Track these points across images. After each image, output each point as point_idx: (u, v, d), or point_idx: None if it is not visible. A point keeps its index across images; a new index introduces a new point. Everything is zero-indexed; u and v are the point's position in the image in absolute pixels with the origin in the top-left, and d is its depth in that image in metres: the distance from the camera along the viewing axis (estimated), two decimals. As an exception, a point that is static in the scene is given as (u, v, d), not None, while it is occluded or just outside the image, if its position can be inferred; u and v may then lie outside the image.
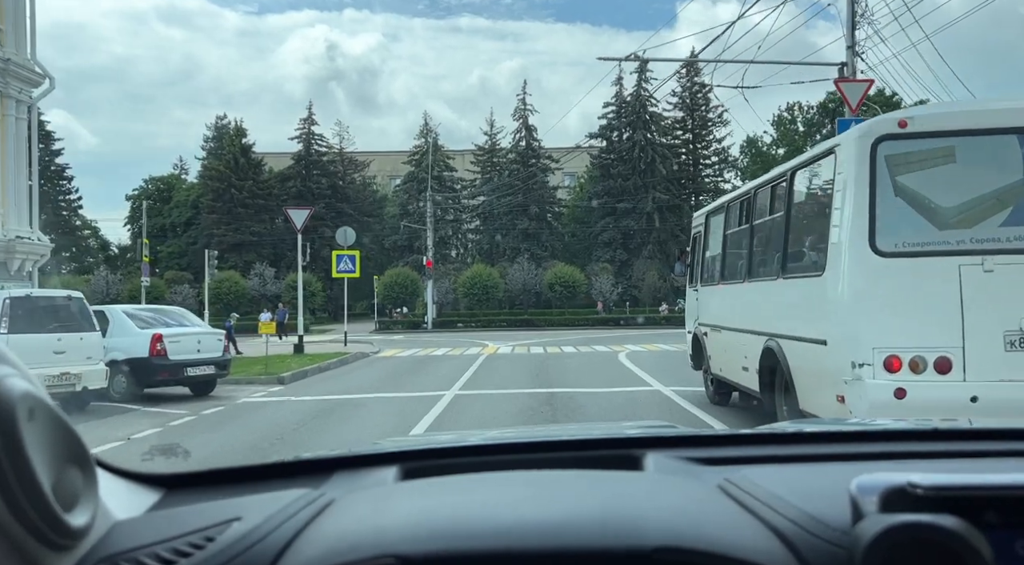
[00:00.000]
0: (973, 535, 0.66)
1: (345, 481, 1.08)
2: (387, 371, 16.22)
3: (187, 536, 0.78)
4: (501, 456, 1.22)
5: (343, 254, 24.45)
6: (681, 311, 42.81)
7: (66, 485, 0.71)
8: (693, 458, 1.12)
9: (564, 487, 0.95)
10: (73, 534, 0.71)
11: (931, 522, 0.66)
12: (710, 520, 0.80)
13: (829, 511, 0.79)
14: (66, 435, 0.72)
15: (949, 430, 1.27)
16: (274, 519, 0.81)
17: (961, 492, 0.72)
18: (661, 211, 52.59)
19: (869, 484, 0.74)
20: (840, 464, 1.05)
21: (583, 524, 0.77)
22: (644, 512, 0.81)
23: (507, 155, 56.86)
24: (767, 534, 0.78)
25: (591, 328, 39.56)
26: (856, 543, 0.69)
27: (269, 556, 0.75)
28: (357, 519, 0.83)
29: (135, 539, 0.79)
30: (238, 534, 0.78)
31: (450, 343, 26.63)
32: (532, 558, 0.69)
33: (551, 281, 43.58)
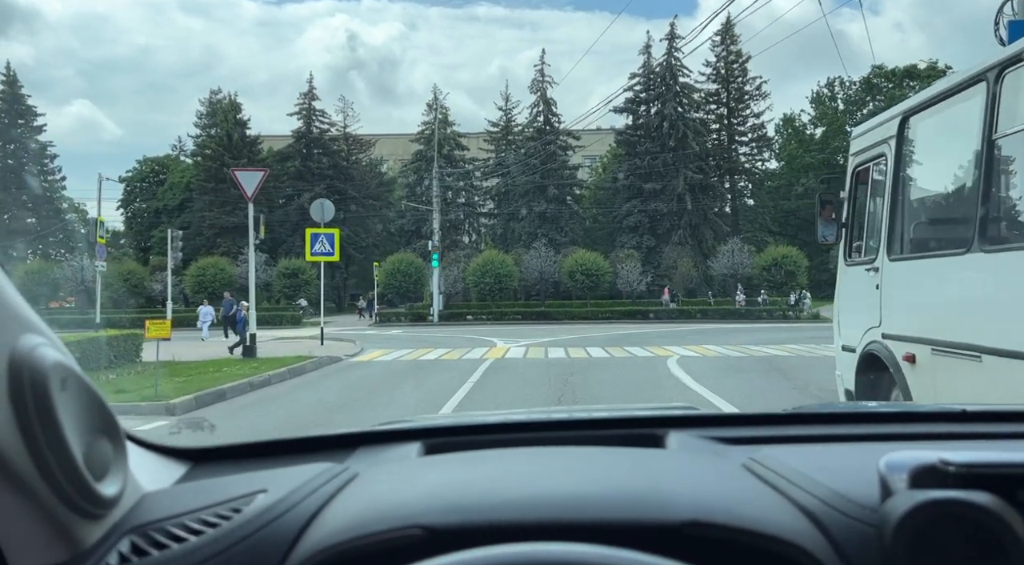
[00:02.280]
0: (1008, 512, 0.64)
1: (369, 456, 1.09)
2: (347, 389, 11.69)
3: (214, 507, 0.79)
4: (524, 434, 1.20)
5: (319, 233, 19.98)
6: (763, 305, 38.55)
7: (97, 455, 0.72)
8: (716, 437, 1.10)
9: (589, 462, 0.94)
10: (104, 503, 0.73)
11: (965, 498, 0.65)
12: (736, 496, 0.80)
13: (857, 489, 0.78)
14: (97, 406, 0.73)
15: (978, 412, 1.23)
16: (300, 491, 0.81)
17: (994, 470, 0.71)
18: (693, 191, 47.65)
19: (898, 462, 0.74)
20: (867, 444, 1.01)
21: (610, 497, 0.77)
22: (671, 486, 0.81)
23: (523, 132, 52.03)
24: (794, 511, 0.77)
25: (616, 322, 34.90)
26: (886, 520, 0.68)
27: (295, 527, 0.75)
28: (382, 491, 0.83)
29: (163, 510, 0.80)
30: (264, 505, 0.78)
31: (451, 342, 22.10)
32: (559, 531, 0.68)
33: (571, 269, 38.86)
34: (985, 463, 0.72)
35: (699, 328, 28.38)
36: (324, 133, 54.45)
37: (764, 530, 0.72)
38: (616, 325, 32.48)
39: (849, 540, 0.72)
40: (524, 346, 19.37)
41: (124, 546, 0.74)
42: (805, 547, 0.70)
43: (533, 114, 50.70)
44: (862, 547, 0.71)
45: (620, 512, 0.74)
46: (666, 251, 45.39)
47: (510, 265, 38.96)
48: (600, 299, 42.04)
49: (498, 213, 52.66)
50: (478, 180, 53.86)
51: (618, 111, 50.08)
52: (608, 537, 0.64)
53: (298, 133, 53.95)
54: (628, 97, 49.57)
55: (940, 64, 61.65)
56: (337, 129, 55.40)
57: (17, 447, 0.65)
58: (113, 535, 0.76)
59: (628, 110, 49.98)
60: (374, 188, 55.92)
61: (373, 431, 1.20)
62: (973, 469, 0.71)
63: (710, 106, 51.75)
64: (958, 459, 0.71)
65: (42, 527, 0.69)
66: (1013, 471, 0.72)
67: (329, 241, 19.81)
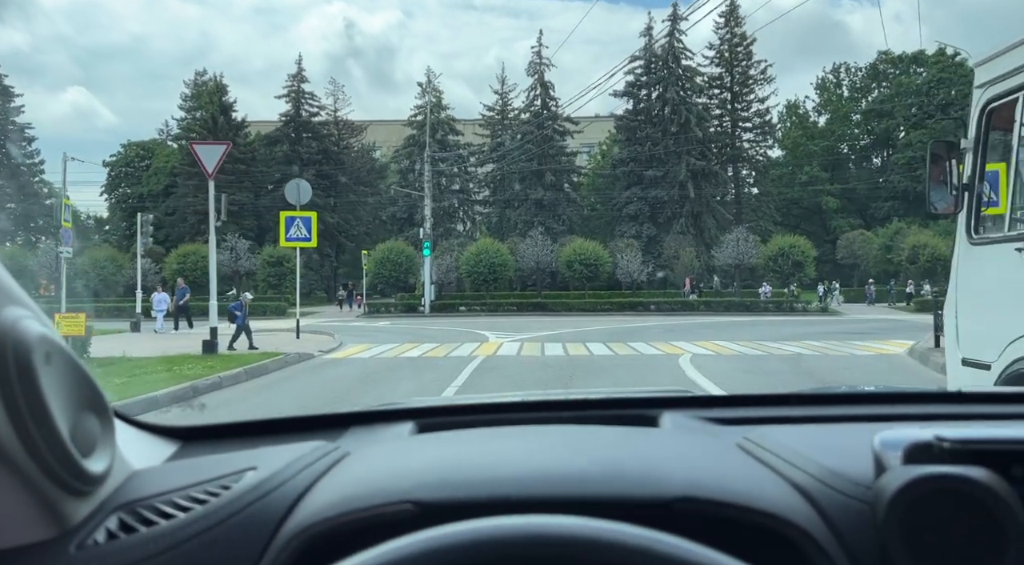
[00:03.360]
0: (1002, 487, 0.65)
1: (361, 435, 1.09)
2: (305, 396, 10.04)
3: (203, 484, 0.79)
4: (518, 414, 1.19)
5: (295, 216, 18.28)
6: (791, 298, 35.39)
7: (83, 431, 0.72)
8: (710, 418, 1.10)
9: (582, 439, 0.94)
10: (91, 479, 0.72)
11: (959, 473, 0.65)
12: (729, 473, 0.80)
13: (851, 466, 0.77)
14: (83, 381, 0.73)
15: (975, 393, 1.22)
16: (290, 468, 0.81)
17: (989, 446, 0.71)
18: (695, 179, 45.98)
19: (893, 439, 0.74)
20: (862, 424, 1.01)
21: (602, 473, 0.77)
22: (663, 463, 0.81)
23: (520, 116, 50.20)
24: (787, 488, 0.77)
25: (616, 314, 33.28)
26: (879, 496, 0.68)
27: (285, 504, 0.75)
28: (373, 468, 0.83)
29: (152, 487, 0.80)
30: (254, 482, 0.78)
31: (440, 335, 20.45)
32: (549, 506, 0.68)
33: (569, 258, 37.18)
34: (980, 439, 0.72)
35: (705, 321, 26.77)
36: (313, 117, 52.54)
37: (756, 506, 0.71)
38: (616, 317, 30.86)
39: (843, 516, 0.72)
40: (518, 341, 17.73)
41: (112, 523, 0.74)
42: (798, 523, 0.70)
43: (530, 98, 48.90)
44: (856, 523, 0.71)
45: (611, 488, 0.74)
46: (667, 241, 43.76)
47: (505, 254, 37.28)
48: (599, 290, 40.43)
49: (493, 201, 50.92)
50: (473, 166, 52.07)
51: (618, 95, 48.37)
52: (598, 512, 0.63)
53: (287, 116, 52.06)
54: (629, 81, 47.83)
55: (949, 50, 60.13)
56: (327, 113, 53.54)
57: (1, 421, 0.63)
58: (101, 512, 0.75)
59: (628, 94, 48.21)
60: (365, 174, 54.11)
61: (366, 411, 1.18)
62: (968, 445, 0.70)
63: (713, 91, 50.01)
64: (952, 435, 0.71)
65: (28, 504, 0.68)
66: (1008, 447, 0.72)
67: (306, 225, 18.13)
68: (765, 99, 49.95)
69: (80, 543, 0.70)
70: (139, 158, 61.25)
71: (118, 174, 61.25)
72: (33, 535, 0.69)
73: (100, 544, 0.70)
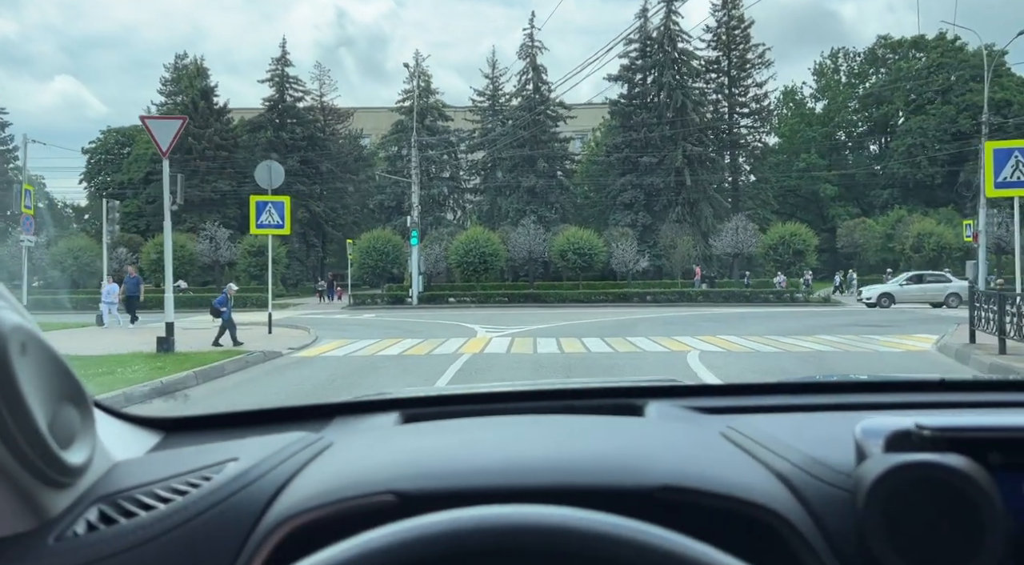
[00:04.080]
0: (980, 474, 0.65)
1: (345, 426, 1.08)
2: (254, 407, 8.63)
3: (185, 475, 0.79)
4: (504, 404, 1.19)
5: (266, 201, 16.88)
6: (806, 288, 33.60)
7: (62, 422, 0.71)
8: (695, 407, 1.11)
9: (564, 429, 0.95)
10: (70, 471, 0.71)
11: (937, 461, 0.66)
12: (712, 462, 0.80)
13: (833, 455, 0.78)
14: (60, 372, 0.72)
15: (956, 381, 1.24)
16: (272, 459, 0.81)
17: (968, 434, 0.72)
18: (692, 166, 44.65)
19: (874, 427, 0.75)
20: (845, 413, 1.02)
21: (585, 463, 0.77)
22: (647, 452, 0.81)
23: (511, 101, 48.69)
24: (769, 477, 0.77)
25: (612, 305, 32.03)
26: (859, 483, 0.69)
27: (267, 494, 0.75)
28: (355, 459, 0.82)
29: (133, 478, 0.80)
30: (235, 473, 0.78)
31: (426, 329, 19.13)
32: (531, 496, 0.68)
33: (562, 248, 35.86)
34: (959, 427, 0.72)
35: (704, 313, 25.53)
36: (298, 101, 50.87)
37: (738, 495, 0.72)
38: (611, 309, 29.58)
39: (823, 504, 0.73)
40: (509, 336, 16.42)
41: (92, 514, 0.73)
42: (779, 511, 0.71)
43: (522, 82, 47.34)
44: (836, 511, 0.72)
45: (593, 477, 0.73)
46: (663, 229, 42.48)
47: (496, 243, 35.91)
48: (592, 280, 39.14)
49: (484, 188, 49.48)
50: (463, 153, 50.58)
51: (612, 79, 46.90)
52: (580, 502, 0.62)
53: (270, 101, 50.38)
54: (624, 64, 46.38)
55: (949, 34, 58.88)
56: (313, 98, 51.89)
57: None
58: (81, 503, 0.75)
59: (623, 78, 46.75)
60: (353, 162, 52.54)
61: (350, 402, 1.17)
62: (947, 433, 0.71)
63: (710, 75, 48.60)
64: (932, 423, 0.72)
65: (5, 496, 0.67)
66: (986, 435, 0.73)
67: (278, 210, 16.73)
68: (763, 83, 48.64)
69: (59, 535, 0.70)
70: (119, 145, 59.50)
71: (98, 161, 59.49)
72: (11, 527, 0.69)
73: (79, 536, 0.70)
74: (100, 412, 0.92)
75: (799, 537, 0.70)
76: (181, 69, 50.91)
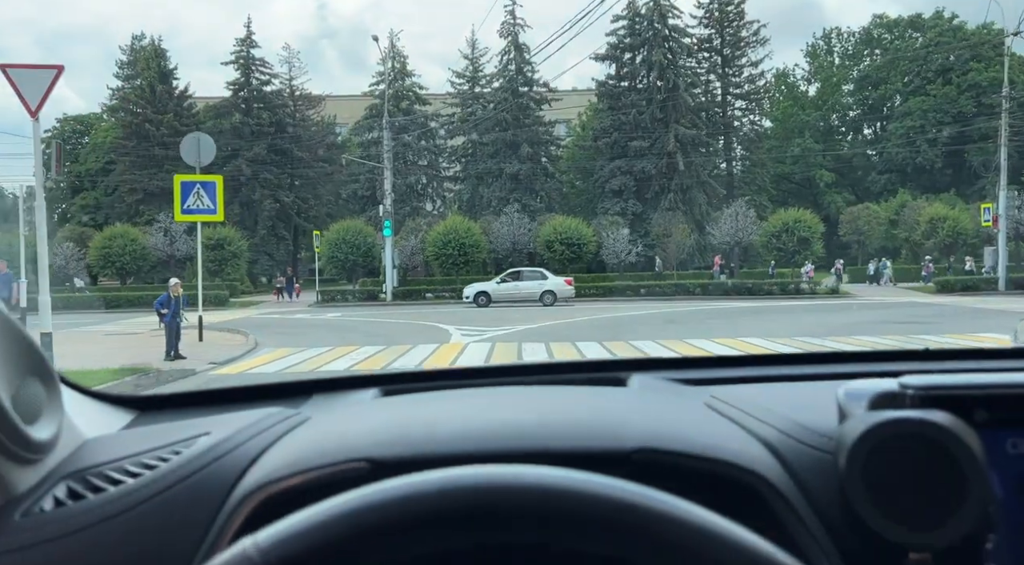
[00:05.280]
0: (963, 429, 0.64)
1: (323, 401, 1.08)
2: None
3: (155, 451, 0.79)
4: (486, 379, 1.19)
5: (193, 181, 14.05)
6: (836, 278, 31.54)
7: (27, 397, 0.71)
8: (679, 379, 1.11)
9: (544, 398, 0.95)
10: (36, 447, 0.71)
11: (919, 417, 0.65)
12: (692, 426, 0.80)
13: (816, 419, 0.78)
14: (24, 347, 0.71)
15: (942, 351, 1.24)
16: (244, 433, 0.80)
17: (954, 391, 0.72)
18: (685, 150, 42.03)
19: (858, 390, 0.74)
20: (829, 382, 0.99)
21: (560, 427, 0.76)
22: (625, 417, 0.81)
23: (492, 82, 45.79)
24: (751, 440, 0.77)
25: (603, 299, 29.42)
26: (841, 443, 0.68)
27: (239, 466, 0.74)
28: (330, 430, 0.82)
29: (103, 455, 0.79)
30: (206, 446, 0.77)
31: (392, 332, 16.41)
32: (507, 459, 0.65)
33: (548, 238, 33.16)
34: (944, 385, 0.72)
35: (708, 308, 22.95)
36: (265, 85, 47.63)
37: (716, 455, 0.71)
38: (603, 304, 26.96)
39: (807, 466, 0.72)
40: (489, 341, 13.72)
41: (60, 491, 0.72)
42: (760, 472, 0.70)
43: (503, 62, 44.42)
44: (819, 472, 0.71)
45: (567, 440, 0.73)
46: (655, 218, 39.90)
47: (477, 234, 33.12)
48: (581, 273, 36.51)
49: (465, 176, 46.62)
50: (442, 139, 47.67)
51: (599, 59, 44.14)
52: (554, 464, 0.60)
53: (235, 85, 47.10)
54: (611, 42, 43.65)
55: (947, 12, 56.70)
56: (281, 82, 48.68)
57: None
58: (49, 480, 0.74)
59: (611, 58, 44.01)
60: (325, 150, 49.42)
61: (330, 378, 1.17)
62: (932, 391, 0.71)
63: (702, 54, 45.96)
64: (917, 382, 0.72)
65: None
66: (971, 392, 0.72)
67: (209, 193, 13.91)
68: (759, 62, 46.04)
69: (26, 511, 0.69)
70: (76, 133, 55.99)
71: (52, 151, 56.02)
72: None
73: (46, 511, 0.69)
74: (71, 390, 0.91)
75: (781, 498, 0.69)
76: (138, 51, 47.51)
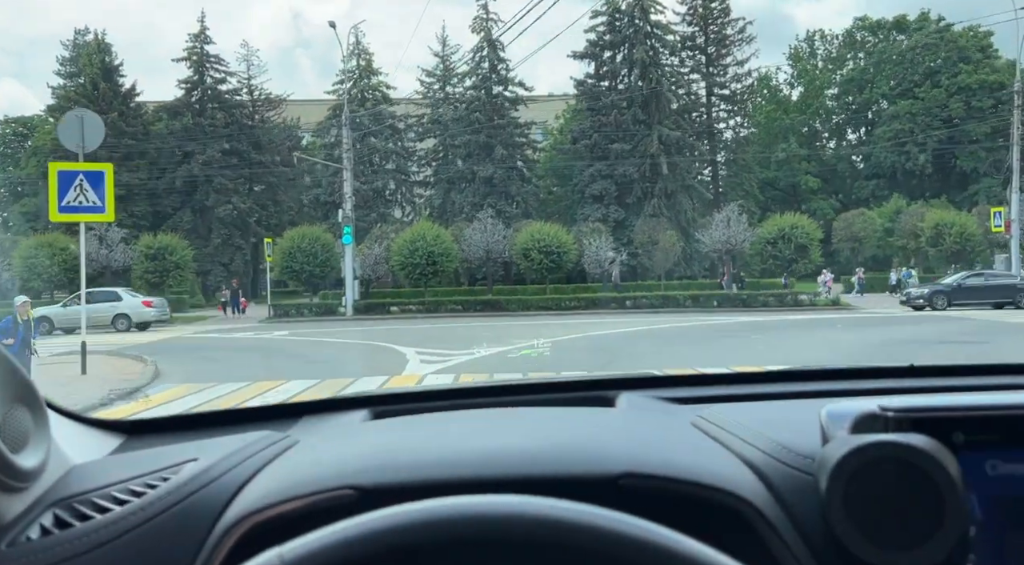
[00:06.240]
0: (941, 453, 0.66)
1: (312, 424, 1.07)
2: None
3: (143, 477, 0.78)
4: (477, 399, 1.18)
5: (73, 170, 11.05)
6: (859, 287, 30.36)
7: (13, 425, 0.71)
8: (667, 398, 1.11)
9: (532, 421, 0.95)
10: (23, 475, 0.71)
11: (898, 440, 0.66)
12: (679, 450, 0.81)
13: (800, 440, 0.79)
14: (10, 374, 0.72)
15: (926, 367, 1.24)
16: (232, 458, 0.80)
17: (932, 414, 0.72)
18: (669, 153, 39.61)
19: (839, 411, 0.75)
20: (815, 400, 1.01)
21: (547, 452, 0.76)
22: (612, 441, 0.81)
23: (464, 81, 43.06)
24: (736, 463, 0.78)
25: (585, 313, 26.75)
26: (823, 466, 0.69)
27: (226, 493, 0.74)
28: (318, 455, 0.82)
29: (91, 482, 0.78)
30: (193, 473, 0.77)
31: (340, 357, 13.54)
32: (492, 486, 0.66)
33: (525, 246, 30.41)
34: (922, 407, 0.72)
35: (705, 323, 20.30)
36: (220, 83, 44.42)
37: (702, 480, 0.72)
38: (586, 318, 24.25)
39: (790, 489, 0.73)
40: (452, 371, 10.88)
41: (47, 519, 0.72)
42: (743, 495, 0.71)
43: (476, 59, 41.72)
44: (802, 495, 0.72)
45: (555, 466, 0.72)
46: (638, 224, 37.38)
47: (447, 241, 30.25)
48: (561, 283, 33.84)
49: (436, 181, 43.76)
50: (412, 141, 44.78)
51: (578, 57, 41.67)
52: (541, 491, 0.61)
53: (188, 83, 43.86)
54: (590, 39, 41.23)
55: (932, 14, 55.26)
56: (239, 80, 45.54)
57: None
58: (36, 508, 0.73)
59: (590, 55, 41.56)
60: (288, 153, 46.25)
61: (318, 400, 1.15)
62: (911, 414, 0.71)
63: (686, 52, 43.68)
64: (896, 404, 0.72)
65: None
66: (950, 414, 0.73)
67: (94, 185, 10.89)
68: (745, 62, 43.84)
69: (12, 540, 0.68)
70: (18, 137, 52.32)
71: (-6, 156, 52.23)
72: None
73: (33, 541, 0.69)
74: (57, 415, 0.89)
75: (764, 521, 0.70)
76: (81, 46, 44.07)
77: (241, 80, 45.49)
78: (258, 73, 46.48)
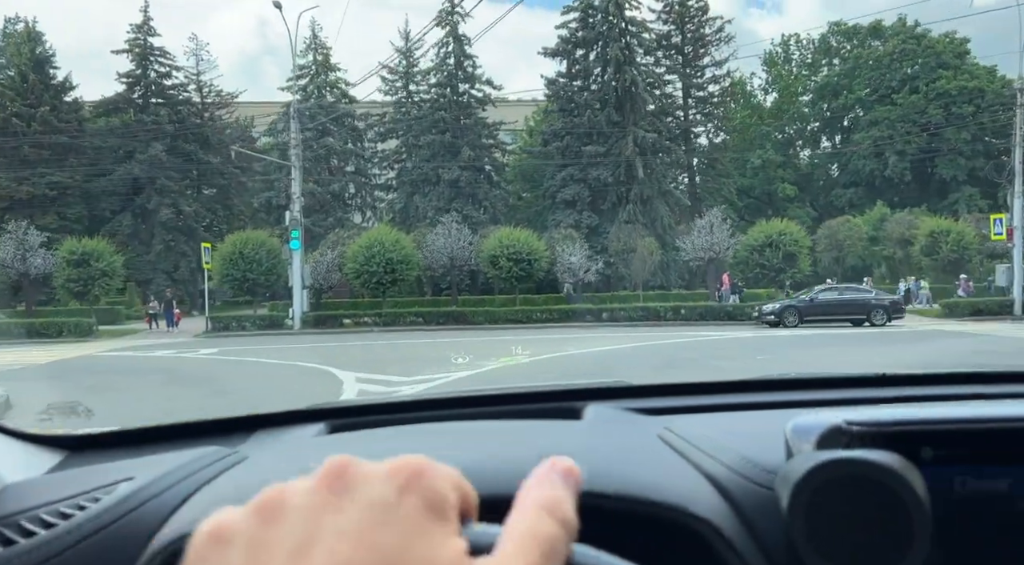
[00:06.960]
0: (906, 469, 0.62)
1: (265, 439, 1.04)
2: None
3: (75, 498, 0.73)
4: (440, 411, 1.14)
5: None
6: None
7: None
8: (635, 408, 1.09)
9: (493, 436, 0.92)
10: None
11: (864, 457, 0.62)
12: (642, 466, 0.79)
13: (764, 454, 0.76)
14: None
15: (896, 376, 1.22)
16: (170, 477, 0.76)
17: (898, 428, 0.71)
18: (645, 156, 37.54)
19: (805, 425, 0.73)
20: (784, 411, 0.99)
21: (503, 470, 0.72)
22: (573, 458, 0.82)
23: (429, 78, 40.57)
24: (699, 479, 0.76)
25: (557, 326, 24.36)
26: (784, 483, 0.66)
27: (160, 515, 0.70)
28: (265, 474, 0.77)
29: (21, 502, 0.74)
30: (125, 493, 0.72)
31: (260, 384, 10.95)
32: None
33: (493, 253, 27.94)
34: (888, 421, 0.71)
35: (689, 339, 18.00)
36: (164, 77, 41.31)
37: (662, 499, 0.69)
38: (559, 332, 21.84)
39: (753, 505, 0.71)
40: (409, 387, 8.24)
41: None
42: (704, 516, 0.69)
43: (441, 55, 39.27)
44: (765, 512, 0.70)
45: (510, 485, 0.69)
46: (612, 231, 35.21)
47: (407, 247, 27.63)
48: (531, 294, 31.43)
49: (398, 184, 41.14)
50: (372, 141, 42.13)
51: (549, 54, 39.48)
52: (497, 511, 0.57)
53: (130, 77, 40.69)
54: (562, 35, 39.07)
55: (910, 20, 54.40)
56: (186, 75, 42.45)
57: None
58: None
59: (561, 53, 39.39)
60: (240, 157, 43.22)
61: (274, 413, 1.11)
62: (876, 428, 0.70)
63: (662, 52, 41.77)
64: (862, 418, 0.70)
65: None
66: (916, 428, 0.71)
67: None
68: (723, 62, 42.08)
69: None
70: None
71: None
72: None
73: None
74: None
75: (723, 540, 0.67)
76: (10, 35, 40.65)
77: (189, 75, 42.45)
78: (208, 68, 43.44)
